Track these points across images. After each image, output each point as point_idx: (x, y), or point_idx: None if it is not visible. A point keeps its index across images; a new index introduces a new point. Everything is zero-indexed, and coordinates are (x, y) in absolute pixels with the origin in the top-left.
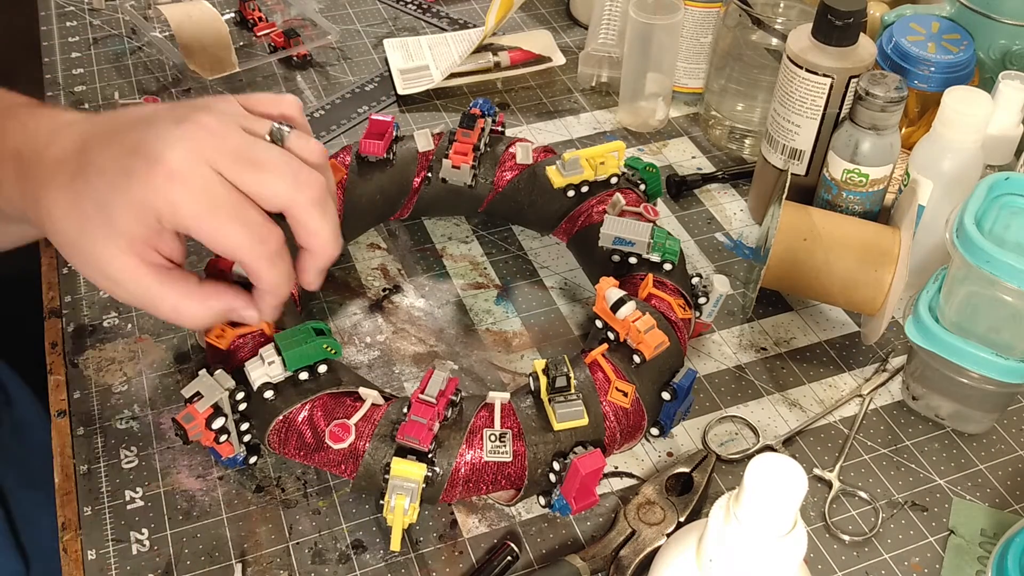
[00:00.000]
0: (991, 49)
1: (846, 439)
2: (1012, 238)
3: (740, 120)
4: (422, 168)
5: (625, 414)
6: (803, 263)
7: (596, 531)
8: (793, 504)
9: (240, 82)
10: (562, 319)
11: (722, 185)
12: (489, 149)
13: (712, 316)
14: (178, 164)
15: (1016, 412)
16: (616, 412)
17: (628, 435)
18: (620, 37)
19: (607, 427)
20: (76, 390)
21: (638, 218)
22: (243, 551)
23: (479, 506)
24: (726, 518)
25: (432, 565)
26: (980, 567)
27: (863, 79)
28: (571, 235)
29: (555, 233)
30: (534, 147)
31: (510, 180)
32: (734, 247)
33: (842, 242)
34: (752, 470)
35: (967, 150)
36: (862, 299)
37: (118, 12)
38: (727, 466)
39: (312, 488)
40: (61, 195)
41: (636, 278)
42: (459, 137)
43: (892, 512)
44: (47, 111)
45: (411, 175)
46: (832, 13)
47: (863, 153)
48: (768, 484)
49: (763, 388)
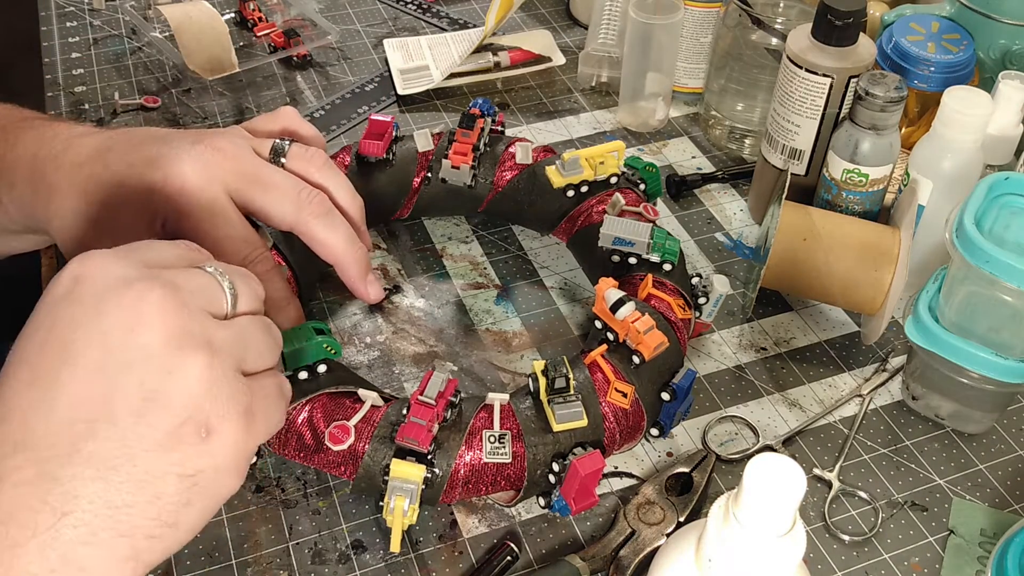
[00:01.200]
0: (991, 49)
1: (846, 439)
2: (1012, 238)
3: (740, 120)
4: (422, 168)
5: (624, 415)
6: (803, 263)
7: (596, 531)
8: (792, 504)
9: (240, 82)
10: (562, 319)
11: (722, 185)
12: (489, 149)
13: (712, 316)
14: (192, 179)
15: (1016, 412)
16: (615, 413)
17: (628, 436)
18: (620, 37)
19: (606, 428)
20: None
21: (638, 218)
22: (243, 551)
23: (479, 506)
24: (725, 518)
25: (432, 565)
26: (980, 567)
27: (863, 79)
28: (571, 235)
29: (555, 233)
30: (533, 147)
31: (510, 180)
32: (734, 247)
33: (842, 242)
34: (751, 470)
35: (967, 150)
36: (862, 299)
37: (118, 12)
38: (727, 466)
39: (312, 488)
40: (73, 195)
41: (636, 278)
42: (459, 137)
43: (892, 512)
44: (64, 124)
45: (411, 175)
46: (832, 13)
47: (863, 153)
48: (767, 484)
49: (763, 388)
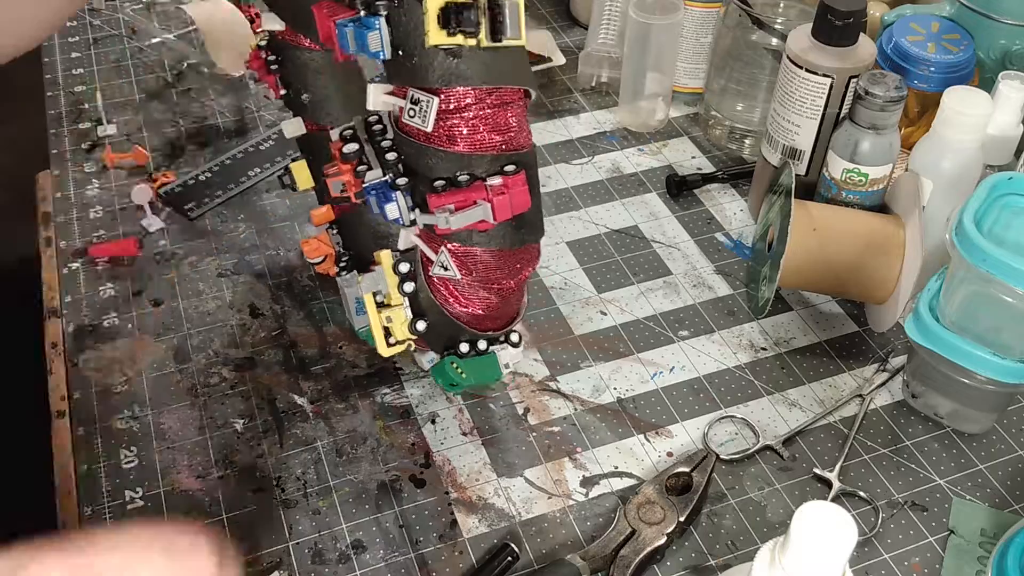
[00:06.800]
0: (991, 49)
1: (846, 439)
2: (1013, 238)
3: (740, 120)
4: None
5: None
6: (814, 253)
7: (596, 531)
8: (842, 556)
9: (240, 82)
10: (562, 319)
11: (722, 185)
12: None
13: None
14: None
15: (1016, 412)
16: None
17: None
18: (620, 37)
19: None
20: (76, 390)
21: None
22: (243, 551)
23: (479, 506)
24: (772, 564)
25: (432, 565)
26: (980, 567)
27: (863, 79)
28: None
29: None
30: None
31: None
32: (734, 247)
33: (850, 229)
34: (799, 518)
35: (967, 150)
36: (874, 284)
37: (118, 12)
38: (727, 466)
39: (312, 488)
40: None
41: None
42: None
43: (892, 512)
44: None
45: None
46: (832, 13)
47: (863, 153)
48: (816, 534)
49: (763, 388)
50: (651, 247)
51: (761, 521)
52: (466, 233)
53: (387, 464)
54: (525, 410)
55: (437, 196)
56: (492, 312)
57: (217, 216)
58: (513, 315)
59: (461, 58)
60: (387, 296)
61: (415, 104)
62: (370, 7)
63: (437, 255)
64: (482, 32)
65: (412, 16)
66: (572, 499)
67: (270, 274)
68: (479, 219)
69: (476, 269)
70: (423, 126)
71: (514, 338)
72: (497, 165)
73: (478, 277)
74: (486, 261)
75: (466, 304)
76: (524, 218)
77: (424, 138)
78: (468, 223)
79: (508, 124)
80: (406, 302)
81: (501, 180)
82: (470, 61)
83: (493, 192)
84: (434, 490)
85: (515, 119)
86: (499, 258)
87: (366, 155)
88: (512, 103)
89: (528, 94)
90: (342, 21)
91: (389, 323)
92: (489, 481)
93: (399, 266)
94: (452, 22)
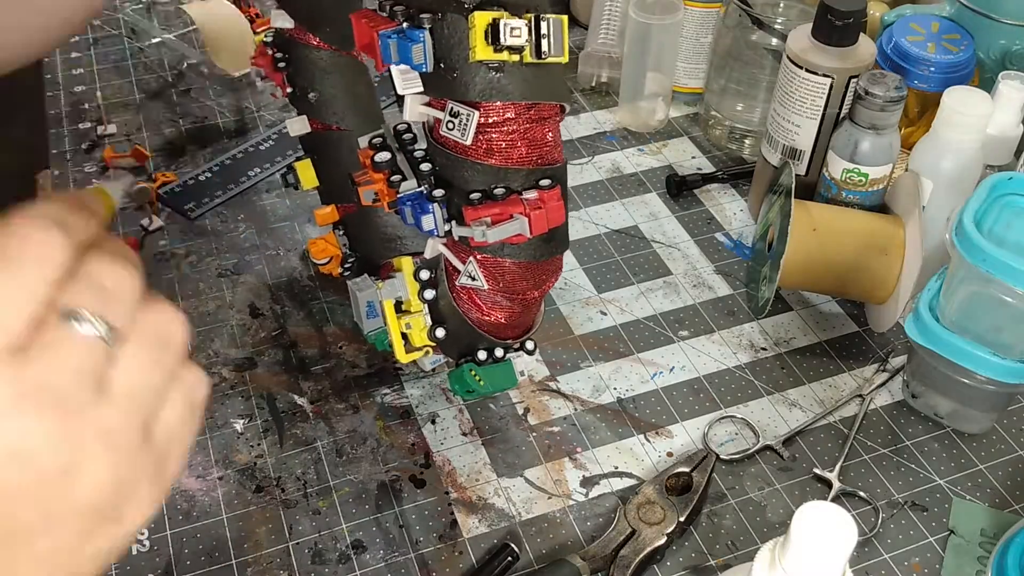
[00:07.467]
0: (991, 49)
1: (846, 439)
2: (1013, 238)
3: (740, 120)
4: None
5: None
6: (815, 253)
7: (596, 531)
8: (841, 557)
9: (240, 82)
10: (562, 319)
11: (722, 185)
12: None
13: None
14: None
15: (1016, 412)
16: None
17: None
18: (620, 37)
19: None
20: None
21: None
22: (243, 551)
23: (479, 506)
24: (771, 565)
25: (432, 565)
26: (980, 567)
27: (863, 79)
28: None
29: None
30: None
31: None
32: (734, 247)
33: (850, 228)
34: (799, 519)
35: (967, 150)
36: (874, 283)
37: (118, 12)
38: (727, 466)
39: (312, 488)
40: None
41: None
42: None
43: (892, 512)
44: None
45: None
46: (832, 13)
47: (863, 153)
48: (816, 535)
49: (763, 388)
50: (651, 247)
51: (761, 521)
52: (498, 244)
53: (387, 464)
54: (525, 410)
55: (474, 209)
56: (513, 321)
57: (217, 216)
58: (531, 324)
59: (503, 73)
60: (407, 302)
61: (454, 117)
62: (414, 20)
63: (465, 265)
64: (527, 49)
65: (455, 30)
66: (572, 499)
67: (270, 274)
68: (515, 233)
69: (503, 279)
70: (462, 139)
71: (529, 345)
72: (532, 179)
73: (504, 287)
74: (513, 272)
75: (488, 313)
76: (555, 231)
77: (461, 150)
78: (504, 236)
79: (544, 139)
80: (426, 309)
81: (536, 194)
82: (511, 76)
83: (530, 206)
84: (434, 490)
85: (551, 134)
86: (527, 269)
87: (398, 164)
88: (549, 118)
89: (563, 109)
90: (385, 32)
91: (408, 329)
92: (489, 481)
93: (420, 273)
94: (499, 38)
